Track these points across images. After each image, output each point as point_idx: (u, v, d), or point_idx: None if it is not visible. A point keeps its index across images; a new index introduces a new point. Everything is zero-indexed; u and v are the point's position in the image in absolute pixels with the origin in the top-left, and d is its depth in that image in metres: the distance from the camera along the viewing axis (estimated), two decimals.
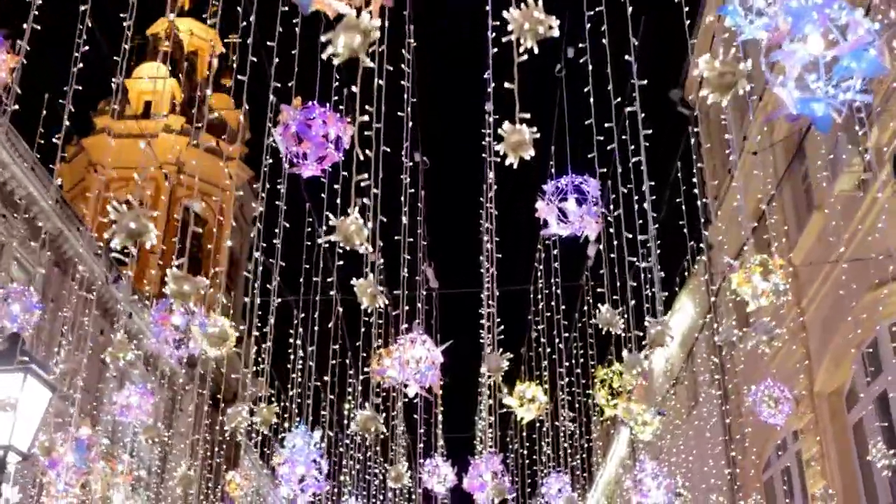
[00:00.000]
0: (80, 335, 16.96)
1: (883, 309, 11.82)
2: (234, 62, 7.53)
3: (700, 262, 17.88)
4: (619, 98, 7.56)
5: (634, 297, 7.70)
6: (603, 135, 7.70)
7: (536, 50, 4.17)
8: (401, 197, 7.78)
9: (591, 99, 7.31)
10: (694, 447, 18.98)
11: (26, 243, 21.48)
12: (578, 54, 7.52)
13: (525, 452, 18.36)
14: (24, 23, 7.86)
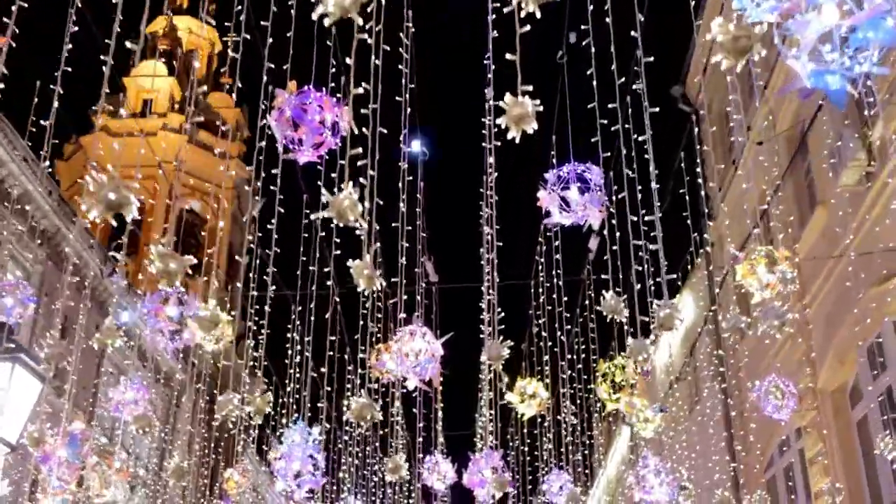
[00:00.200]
0: (74, 329, 16.83)
1: (888, 303, 11.69)
2: (231, 45, 7.37)
3: (703, 255, 17.73)
4: (624, 78, 7.42)
5: (640, 281, 7.51)
6: (607, 118, 7.56)
7: (539, 14, 4.01)
8: (398, 182, 7.66)
9: (594, 82, 7.16)
10: (697, 443, 18.85)
11: (23, 240, 21.34)
12: (581, 36, 7.37)
13: (526, 449, 18.24)
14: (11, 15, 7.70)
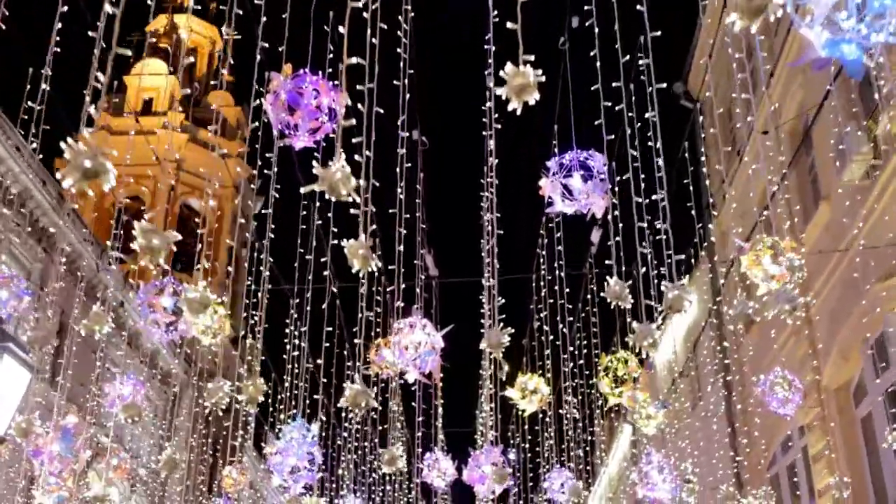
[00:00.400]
0: (72, 326, 16.67)
1: (893, 299, 11.55)
2: (227, 32, 7.22)
3: (706, 248, 17.58)
4: (628, 55, 7.26)
5: (645, 265, 7.33)
6: (611, 99, 7.41)
7: None
8: (396, 168, 7.49)
9: (598, 63, 7.02)
10: (700, 440, 18.74)
11: (22, 237, 21.24)
12: (585, 17, 7.21)
13: (527, 446, 18.11)
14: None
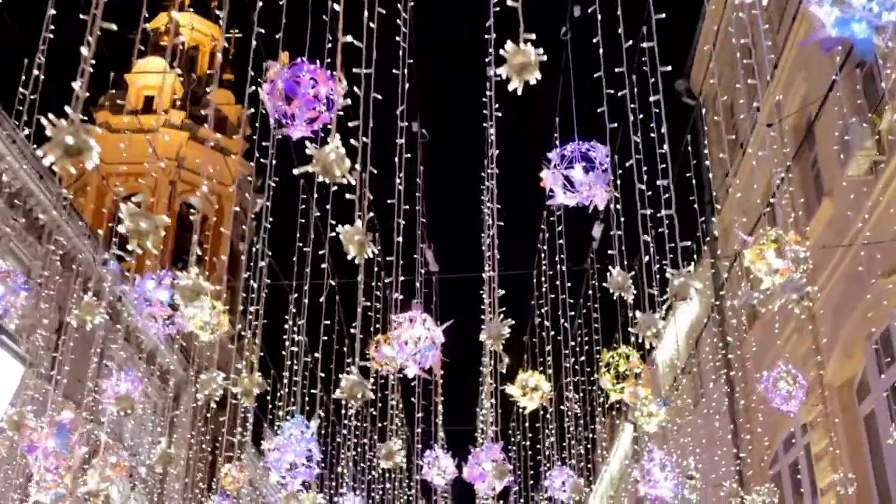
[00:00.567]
0: (70, 324, 16.55)
1: None
2: (222, 24, 7.12)
3: (709, 241, 17.47)
4: (631, 41, 7.16)
5: (648, 254, 7.20)
6: (614, 87, 7.31)
7: None
8: (395, 159, 7.37)
9: (601, 50, 6.91)
10: (702, 437, 18.64)
11: (21, 234, 21.17)
12: (586, 5, 7.11)
13: (528, 444, 18.02)
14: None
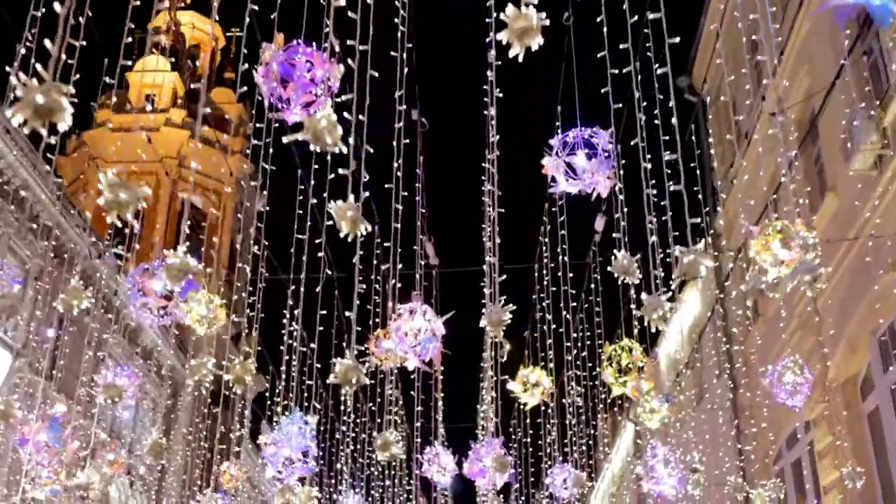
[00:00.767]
0: (70, 321, 16.47)
1: None
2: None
3: (713, 235, 17.35)
4: (636, 16, 7.01)
5: (655, 234, 7.04)
6: (617, 67, 7.17)
7: None
8: (393, 145, 7.22)
9: (605, 28, 6.79)
10: (705, 434, 18.52)
11: (21, 232, 21.12)
12: None
13: (529, 441, 17.90)
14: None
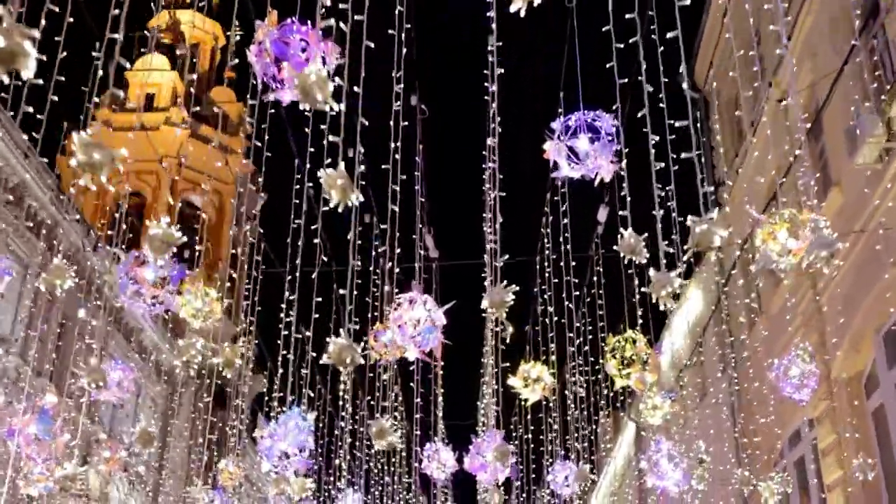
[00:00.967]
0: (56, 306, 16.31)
1: None
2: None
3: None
4: None
5: (662, 207, 6.86)
6: (622, 40, 7.01)
7: None
8: (393, 136, 7.07)
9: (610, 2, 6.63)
10: (708, 431, 18.39)
11: (19, 230, 21.03)
12: None
13: (530, 437, 17.76)
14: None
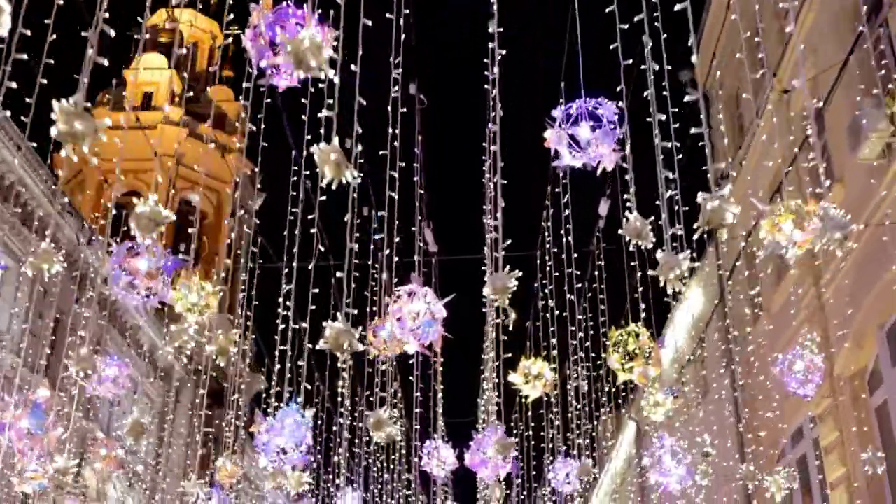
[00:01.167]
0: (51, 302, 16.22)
1: None
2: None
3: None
4: None
5: (669, 188, 6.72)
6: (626, 21, 6.91)
7: None
8: (391, 125, 6.93)
9: None
10: (710, 427, 18.30)
11: (15, 228, 20.98)
12: None
13: (531, 434, 17.66)
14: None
